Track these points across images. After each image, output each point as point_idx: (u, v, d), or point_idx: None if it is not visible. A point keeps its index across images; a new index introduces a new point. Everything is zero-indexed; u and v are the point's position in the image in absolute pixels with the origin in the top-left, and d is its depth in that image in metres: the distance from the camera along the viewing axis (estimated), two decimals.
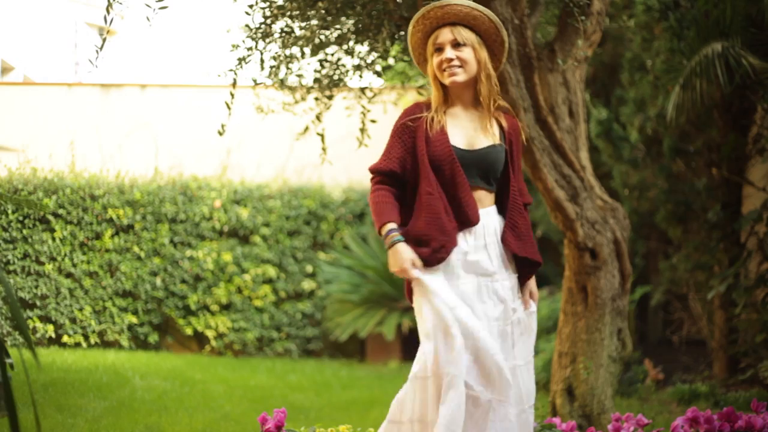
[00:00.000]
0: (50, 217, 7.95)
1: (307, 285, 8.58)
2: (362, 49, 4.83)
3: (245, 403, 5.64)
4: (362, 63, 4.84)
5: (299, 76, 4.89)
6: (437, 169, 2.88)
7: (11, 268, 7.75)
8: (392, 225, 2.87)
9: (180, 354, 8.24)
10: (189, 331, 8.29)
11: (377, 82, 6.09)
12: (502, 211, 2.98)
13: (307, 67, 4.90)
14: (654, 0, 6.42)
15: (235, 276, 8.41)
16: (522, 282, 2.98)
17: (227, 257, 8.33)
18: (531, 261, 2.96)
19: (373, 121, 4.75)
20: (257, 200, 8.62)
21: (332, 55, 4.84)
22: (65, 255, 7.98)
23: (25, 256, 7.86)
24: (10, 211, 7.75)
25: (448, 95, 2.99)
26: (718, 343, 6.47)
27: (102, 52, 3.42)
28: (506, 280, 2.91)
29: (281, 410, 3.66)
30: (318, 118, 4.90)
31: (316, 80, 4.90)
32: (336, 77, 4.89)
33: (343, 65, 4.87)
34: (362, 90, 4.94)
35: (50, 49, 11.19)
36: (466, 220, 2.87)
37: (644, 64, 7.04)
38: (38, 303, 7.87)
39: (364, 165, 10.31)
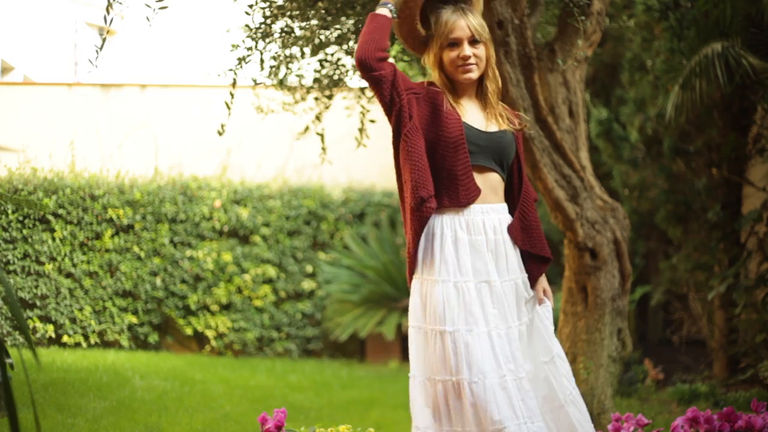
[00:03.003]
0: (50, 217, 7.94)
1: (307, 285, 8.58)
2: None
3: (245, 403, 5.64)
4: None
5: (299, 76, 4.89)
6: (442, 147, 2.78)
7: (11, 268, 7.74)
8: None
9: (180, 354, 8.24)
10: (189, 331, 8.29)
11: None
12: (512, 204, 2.91)
13: (307, 67, 4.90)
14: (654, 0, 6.42)
15: (235, 276, 8.41)
16: (532, 279, 2.89)
17: (227, 257, 8.33)
18: (538, 257, 2.89)
19: (372, 121, 4.76)
20: (257, 200, 8.62)
21: (332, 55, 4.84)
22: (65, 255, 7.98)
23: (25, 256, 7.86)
24: (10, 211, 7.75)
25: (457, 87, 2.91)
26: (718, 343, 6.47)
27: (102, 52, 3.42)
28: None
29: (281, 410, 3.66)
30: (318, 118, 4.90)
31: (316, 80, 4.90)
32: (336, 77, 4.89)
33: (343, 65, 4.87)
34: (362, 90, 4.95)
35: (50, 49, 11.18)
36: (457, 200, 2.78)
37: (644, 64, 7.05)
38: (38, 303, 7.87)
39: (364, 165, 10.27)
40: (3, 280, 1.75)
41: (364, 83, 5.00)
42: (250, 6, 4.28)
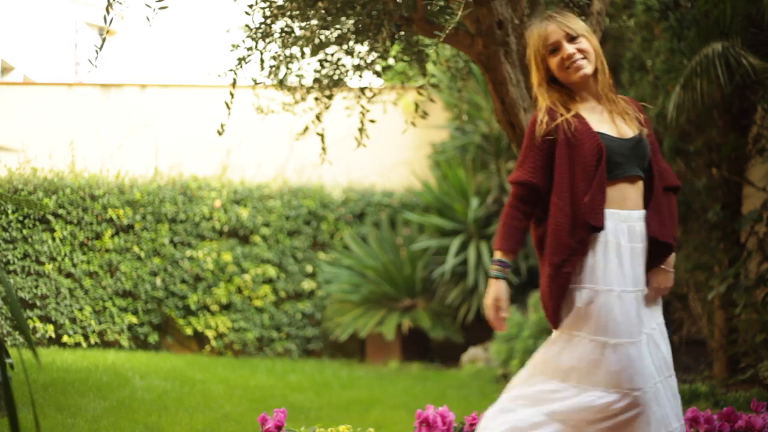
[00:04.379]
0: (50, 217, 7.95)
1: (307, 285, 8.58)
2: (362, 49, 4.83)
3: (245, 403, 5.64)
4: (362, 63, 4.84)
5: (299, 76, 4.89)
6: (585, 170, 2.66)
7: (11, 268, 7.74)
8: (500, 255, 2.71)
9: (180, 354, 8.24)
10: (189, 331, 8.29)
11: (377, 82, 6.09)
12: (648, 196, 2.79)
13: (307, 67, 4.90)
14: (654, 0, 6.42)
15: (235, 276, 8.41)
16: (654, 264, 2.79)
17: (227, 257, 8.33)
18: (662, 243, 2.77)
19: (372, 121, 4.75)
20: (257, 200, 8.62)
21: (332, 55, 4.84)
22: (65, 255, 7.98)
23: (25, 256, 7.86)
24: (10, 211, 7.75)
25: (575, 93, 2.81)
26: (718, 343, 6.46)
27: (102, 52, 3.42)
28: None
29: (281, 410, 3.66)
30: (318, 118, 4.90)
31: (316, 80, 4.90)
32: (336, 77, 4.89)
33: (343, 65, 4.87)
34: (362, 90, 4.94)
35: (50, 49, 11.18)
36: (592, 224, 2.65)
37: (644, 64, 7.04)
38: (38, 303, 7.87)
39: (363, 165, 10.24)
40: (3, 280, 1.75)
41: (364, 83, 5.02)
42: (250, 6, 4.28)
